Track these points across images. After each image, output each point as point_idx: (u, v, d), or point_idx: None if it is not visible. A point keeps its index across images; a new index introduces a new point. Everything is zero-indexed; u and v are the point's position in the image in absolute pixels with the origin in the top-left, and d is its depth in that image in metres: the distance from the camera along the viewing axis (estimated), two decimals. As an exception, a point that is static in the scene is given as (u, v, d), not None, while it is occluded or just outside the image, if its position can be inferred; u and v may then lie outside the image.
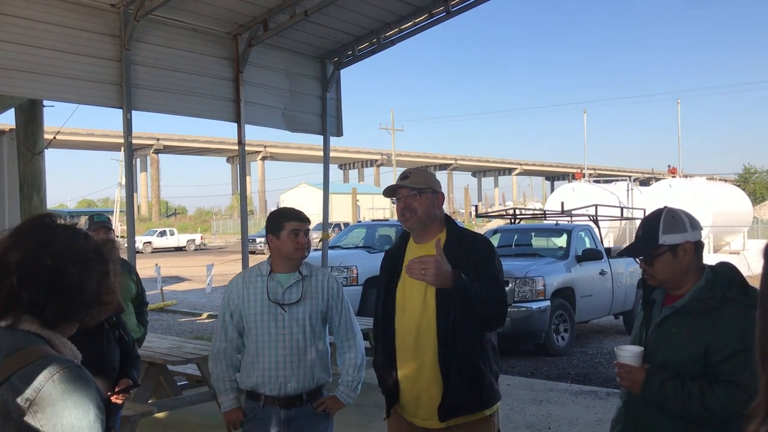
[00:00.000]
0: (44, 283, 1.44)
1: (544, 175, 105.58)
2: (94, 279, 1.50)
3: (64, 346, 1.47)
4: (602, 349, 10.48)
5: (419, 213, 2.90)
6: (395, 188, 2.95)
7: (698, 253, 2.46)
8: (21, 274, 1.44)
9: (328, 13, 7.88)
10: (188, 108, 7.75)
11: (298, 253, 3.26)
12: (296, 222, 3.26)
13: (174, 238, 47.95)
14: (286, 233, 3.23)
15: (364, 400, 6.72)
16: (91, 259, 1.51)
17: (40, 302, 1.44)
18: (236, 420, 3.32)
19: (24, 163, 7.77)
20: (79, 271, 1.48)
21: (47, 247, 1.47)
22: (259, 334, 3.24)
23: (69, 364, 1.38)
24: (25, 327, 1.44)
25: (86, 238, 1.55)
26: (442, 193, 3.03)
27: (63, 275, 1.46)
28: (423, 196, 2.91)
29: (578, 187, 25.30)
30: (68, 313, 1.49)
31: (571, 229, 11.49)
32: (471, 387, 2.84)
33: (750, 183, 57.09)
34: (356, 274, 11.46)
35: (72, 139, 62.32)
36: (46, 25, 6.28)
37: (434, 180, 3.02)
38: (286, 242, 3.23)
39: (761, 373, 1.16)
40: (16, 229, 1.54)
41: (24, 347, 1.39)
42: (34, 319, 1.45)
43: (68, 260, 1.47)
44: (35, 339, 1.42)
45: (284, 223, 3.25)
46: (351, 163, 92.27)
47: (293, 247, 3.24)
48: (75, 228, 1.57)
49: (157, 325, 13.49)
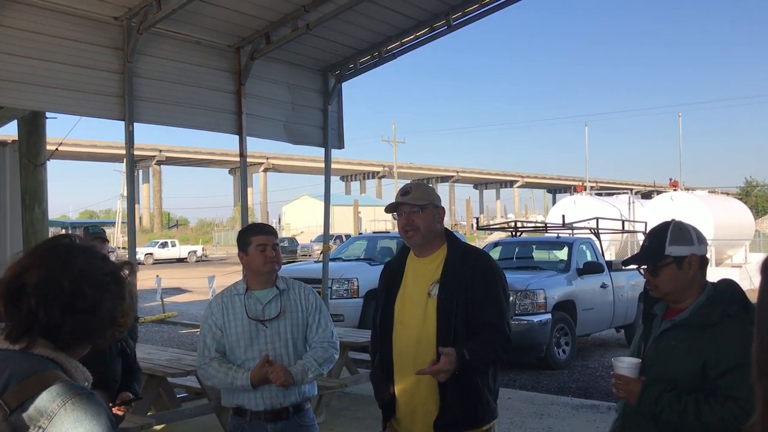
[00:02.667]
0: (61, 304, 1.45)
1: (545, 187, 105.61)
2: (109, 301, 1.51)
3: (76, 370, 1.48)
4: (603, 363, 10.45)
5: (422, 229, 2.91)
6: (396, 205, 2.96)
7: (703, 267, 2.47)
8: (39, 295, 1.44)
9: (330, 27, 7.92)
10: (190, 120, 7.78)
11: (266, 266, 3.23)
12: (262, 236, 3.25)
13: (175, 250, 47.98)
14: (254, 248, 3.21)
15: (364, 412, 6.71)
16: (107, 282, 1.52)
17: (56, 323, 1.45)
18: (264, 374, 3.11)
19: (26, 175, 7.79)
20: (96, 292, 1.48)
21: (65, 269, 1.47)
22: (242, 353, 3.21)
23: (81, 391, 1.39)
24: (39, 351, 1.44)
25: (104, 260, 1.56)
26: (442, 208, 3.03)
27: (79, 296, 1.46)
28: (425, 212, 2.92)
29: (580, 200, 25.32)
30: (83, 334, 1.50)
31: (572, 242, 11.48)
32: (468, 404, 2.84)
33: (752, 196, 57.02)
34: (357, 287, 11.45)
35: (74, 150, 62.48)
36: (49, 37, 6.31)
37: (435, 195, 3.03)
38: (254, 257, 3.22)
39: (758, 389, 1.16)
40: (33, 249, 1.55)
41: (38, 372, 1.39)
42: (48, 342, 1.46)
43: (85, 282, 1.48)
44: (48, 364, 1.43)
45: (250, 238, 3.23)
46: (353, 175, 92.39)
47: (261, 261, 3.22)
48: (93, 249, 1.57)
49: (158, 337, 13.47)
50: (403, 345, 2.92)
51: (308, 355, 3.28)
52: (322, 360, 3.29)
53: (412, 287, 2.98)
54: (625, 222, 17.53)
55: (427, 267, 2.97)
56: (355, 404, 6.96)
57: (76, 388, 1.39)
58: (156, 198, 78.09)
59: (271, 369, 3.12)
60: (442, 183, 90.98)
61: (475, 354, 2.73)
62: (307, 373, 3.22)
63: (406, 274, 3.02)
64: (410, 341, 2.89)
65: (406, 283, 3.00)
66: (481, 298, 2.85)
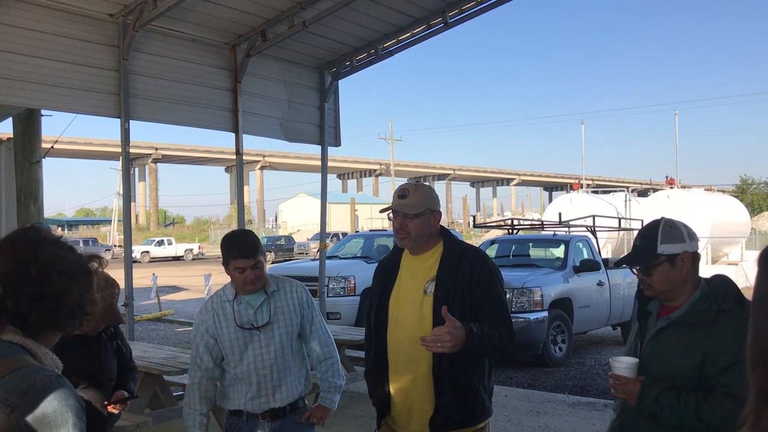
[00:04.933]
0: (29, 292, 1.50)
1: (542, 185, 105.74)
2: (76, 289, 1.56)
3: (46, 357, 1.52)
4: (600, 360, 10.46)
5: (413, 235, 2.92)
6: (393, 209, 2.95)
7: (695, 264, 2.46)
8: (6, 283, 1.49)
9: (326, 24, 7.90)
10: (186, 118, 7.75)
11: (247, 288, 3.17)
12: (241, 260, 3.12)
13: (172, 248, 47.91)
14: (232, 269, 3.15)
15: (361, 410, 6.71)
16: (74, 270, 1.58)
17: (24, 310, 1.49)
18: None
19: (21, 173, 7.76)
20: (63, 280, 1.54)
21: (33, 259, 1.52)
22: (237, 359, 3.19)
23: (49, 373, 1.43)
24: (8, 338, 1.49)
25: (71, 250, 1.62)
26: (439, 212, 3.00)
27: (47, 284, 1.51)
28: (419, 219, 2.91)
29: (576, 198, 25.33)
30: (51, 321, 1.54)
31: (568, 240, 11.49)
32: (463, 402, 2.84)
33: (747, 194, 57.17)
34: (354, 285, 11.45)
35: (70, 148, 62.41)
36: (45, 34, 6.28)
37: (432, 198, 2.98)
38: (234, 277, 3.17)
39: (750, 380, 1.16)
40: (1, 241, 1.59)
41: (6, 357, 1.44)
42: (17, 330, 1.50)
43: (53, 271, 1.53)
44: (17, 349, 1.47)
45: (229, 260, 3.16)
46: (350, 173, 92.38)
47: (240, 283, 3.17)
48: (59, 240, 1.63)
49: (154, 335, 13.45)
50: (399, 342, 2.91)
51: (321, 379, 3.43)
52: (332, 374, 3.42)
53: (407, 285, 2.97)
54: (621, 220, 17.51)
55: (422, 265, 2.97)
56: (352, 402, 6.96)
57: (44, 370, 1.44)
58: (152, 196, 78.01)
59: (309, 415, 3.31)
60: (438, 181, 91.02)
61: (482, 332, 2.72)
62: (333, 395, 3.42)
63: (401, 272, 3.01)
64: (405, 338, 2.88)
65: (401, 281, 3.00)
66: (481, 297, 2.85)
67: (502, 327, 2.84)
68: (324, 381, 3.42)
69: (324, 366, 3.40)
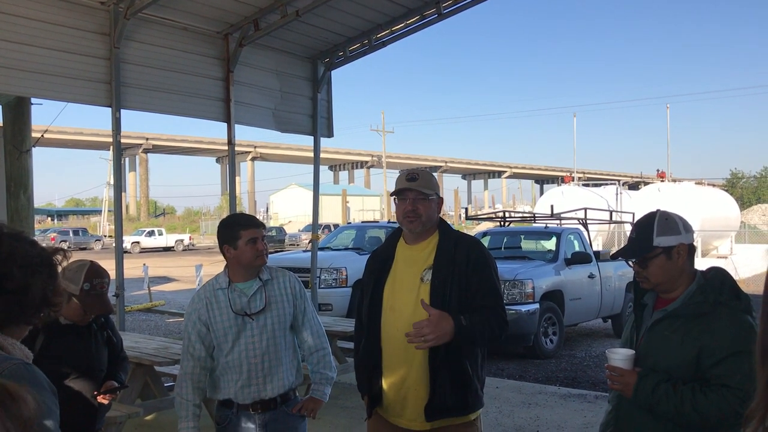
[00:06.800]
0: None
1: (533, 178, 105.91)
2: (39, 282, 1.58)
3: (13, 347, 1.54)
4: (591, 353, 10.51)
5: (423, 217, 2.93)
6: (405, 189, 2.95)
7: (691, 255, 2.46)
8: None
9: (319, 14, 7.86)
10: (178, 107, 7.70)
11: (259, 260, 3.18)
12: (253, 229, 3.16)
13: (162, 238, 47.77)
14: (244, 242, 3.14)
15: (352, 401, 6.70)
16: (36, 263, 1.59)
17: None
18: None
19: (11, 162, 7.70)
20: (24, 273, 1.55)
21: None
22: (229, 347, 3.17)
23: (17, 361, 1.45)
24: None
25: (32, 244, 1.63)
26: (442, 198, 3.07)
27: (8, 278, 1.53)
28: (430, 201, 2.95)
29: (568, 191, 25.42)
30: (15, 314, 1.55)
31: (560, 232, 11.52)
32: (458, 389, 2.84)
33: (737, 188, 57.56)
34: (346, 276, 11.44)
35: (60, 137, 61.99)
36: (35, 22, 6.22)
37: (437, 184, 3.05)
38: (245, 251, 3.15)
39: (759, 374, 1.14)
40: None
41: None
42: None
43: (14, 264, 1.55)
44: None
45: (240, 232, 3.14)
46: (341, 165, 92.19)
47: (253, 255, 3.15)
48: (20, 235, 1.64)
49: (145, 326, 13.42)
50: (395, 330, 2.89)
51: (313, 371, 3.41)
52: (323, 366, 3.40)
53: (403, 273, 2.97)
54: (612, 213, 17.59)
55: (419, 254, 2.97)
56: (343, 393, 6.95)
57: (11, 359, 1.45)
58: (143, 186, 77.67)
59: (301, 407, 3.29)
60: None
61: (472, 324, 2.73)
62: (324, 386, 3.40)
63: (396, 261, 3.01)
64: (401, 327, 2.86)
65: (396, 270, 2.99)
66: (476, 285, 2.86)
67: (496, 315, 2.85)
68: (315, 373, 3.41)
69: (316, 357, 3.39)
